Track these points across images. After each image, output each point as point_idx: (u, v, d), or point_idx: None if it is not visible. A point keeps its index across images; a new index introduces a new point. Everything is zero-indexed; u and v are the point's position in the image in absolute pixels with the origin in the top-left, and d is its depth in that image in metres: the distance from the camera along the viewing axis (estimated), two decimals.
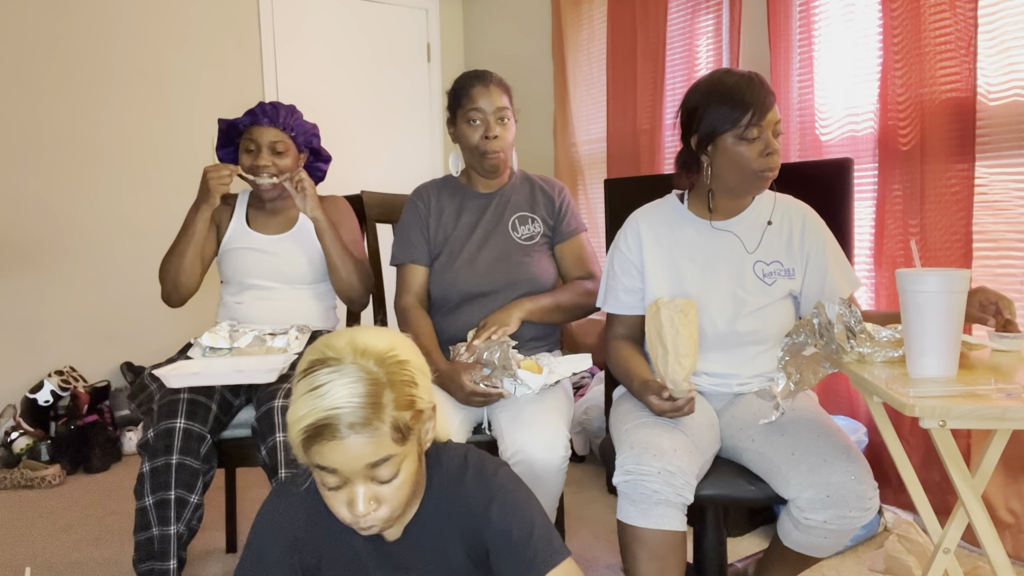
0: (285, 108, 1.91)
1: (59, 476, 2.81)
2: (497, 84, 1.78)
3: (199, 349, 1.81)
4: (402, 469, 0.94)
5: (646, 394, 1.41)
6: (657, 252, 1.57)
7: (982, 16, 1.90)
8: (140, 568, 1.53)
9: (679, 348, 1.34)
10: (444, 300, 1.83)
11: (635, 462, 1.31)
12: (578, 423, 2.76)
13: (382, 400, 0.90)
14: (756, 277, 1.53)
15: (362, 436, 0.89)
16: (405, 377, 0.94)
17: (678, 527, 1.30)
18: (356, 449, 0.89)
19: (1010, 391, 0.99)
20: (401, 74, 4.17)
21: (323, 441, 0.89)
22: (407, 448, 0.94)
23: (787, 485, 1.32)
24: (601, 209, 3.21)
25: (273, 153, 1.88)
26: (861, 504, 1.26)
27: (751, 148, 1.43)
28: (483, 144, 1.77)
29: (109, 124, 3.36)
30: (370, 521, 0.94)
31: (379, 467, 0.91)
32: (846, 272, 1.56)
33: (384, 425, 0.90)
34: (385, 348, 0.95)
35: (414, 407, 0.95)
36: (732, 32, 2.58)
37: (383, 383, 0.91)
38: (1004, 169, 1.92)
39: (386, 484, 0.93)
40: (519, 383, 1.59)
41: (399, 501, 0.95)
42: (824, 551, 1.37)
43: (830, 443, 1.32)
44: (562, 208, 1.88)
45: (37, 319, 3.24)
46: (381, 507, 0.94)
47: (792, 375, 1.33)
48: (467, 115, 1.77)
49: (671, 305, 1.37)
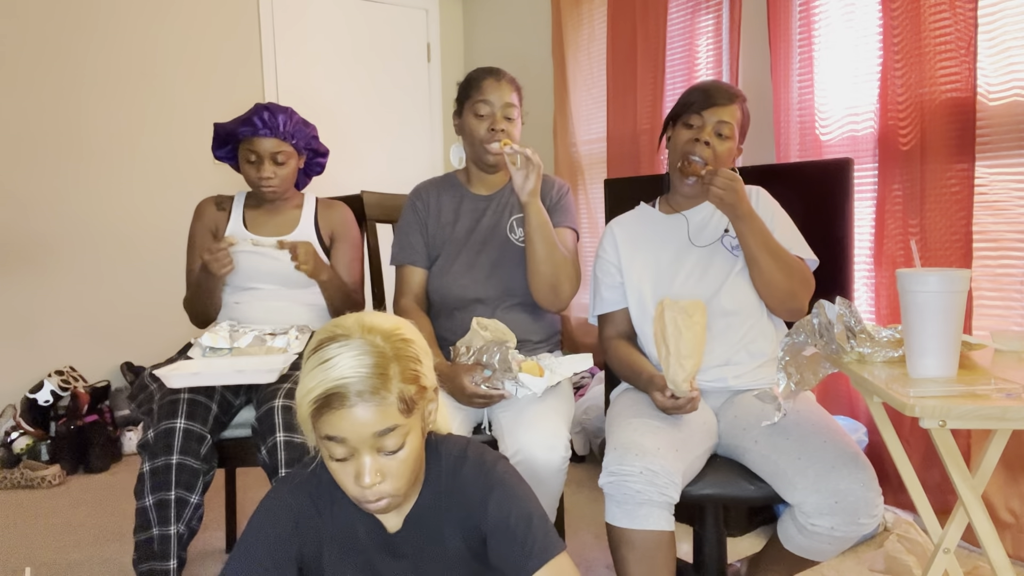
0: (283, 114, 1.88)
1: (59, 476, 2.81)
2: (509, 81, 1.79)
3: (199, 349, 1.81)
4: (407, 442, 0.97)
5: (652, 389, 1.45)
6: (630, 245, 1.67)
7: (982, 16, 1.90)
8: (140, 568, 1.52)
9: (681, 349, 1.35)
10: (443, 302, 1.83)
11: (618, 463, 1.32)
12: (578, 423, 2.76)
13: (388, 372, 0.94)
14: (725, 250, 1.60)
15: (370, 404, 0.92)
16: (410, 353, 0.98)
17: (664, 527, 1.30)
18: (364, 417, 0.92)
19: (1010, 391, 0.99)
20: (401, 74, 4.17)
21: (332, 411, 0.92)
22: (412, 422, 0.97)
23: (792, 489, 1.31)
24: (601, 209, 3.20)
25: (274, 163, 1.88)
26: (869, 511, 1.26)
27: (687, 132, 1.58)
28: (488, 137, 1.76)
29: (110, 124, 3.36)
30: (376, 494, 0.96)
31: (385, 436, 0.94)
32: (793, 241, 1.58)
33: (391, 395, 0.94)
34: (391, 327, 1.00)
35: (418, 382, 0.98)
36: (732, 32, 2.58)
37: (389, 356, 0.95)
38: (1004, 169, 1.92)
39: (392, 456, 0.96)
40: (520, 385, 1.59)
41: (404, 476, 0.97)
42: (826, 556, 1.36)
43: (838, 449, 1.31)
44: (558, 201, 1.86)
45: (37, 319, 3.24)
46: (386, 480, 0.96)
47: (792, 375, 1.33)
48: (475, 106, 1.76)
49: (675, 306, 1.38)
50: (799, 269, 1.52)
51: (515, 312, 1.80)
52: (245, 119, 1.87)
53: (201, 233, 1.99)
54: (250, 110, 1.88)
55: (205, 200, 2.02)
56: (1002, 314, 1.95)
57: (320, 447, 0.98)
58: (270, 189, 1.90)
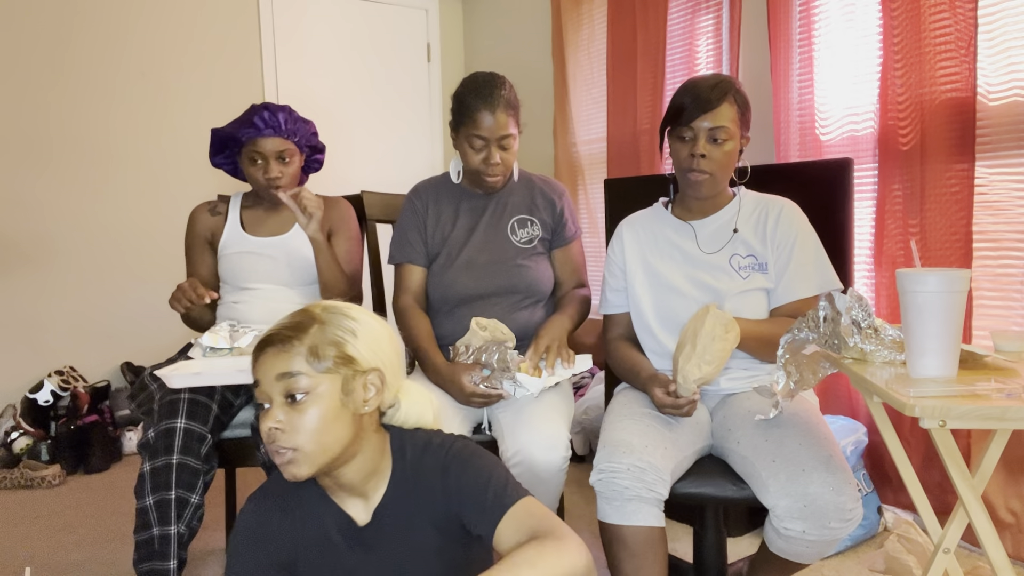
0: (283, 113, 1.87)
1: (59, 476, 2.81)
2: (504, 108, 1.70)
3: (200, 349, 1.81)
4: (314, 398, 1.00)
5: (653, 385, 1.44)
6: (635, 251, 1.65)
7: (982, 16, 1.90)
8: (140, 568, 1.52)
9: (706, 354, 1.36)
10: (442, 302, 1.82)
11: (607, 460, 1.33)
12: (578, 423, 2.76)
13: (308, 329, 1.02)
14: (732, 270, 1.56)
15: (278, 348, 1.00)
16: (343, 325, 1.04)
17: (654, 523, 1.31)
18: (272, 359, 1.00)
19: (1010, 391, 0.99)
20: (401, 74, 4.17)
21: (256, 355, 1.02)
22: (322, 378, 1.00)
23: (766, 492, 1.31)
24: (601, 209, 3.21)
25: (280, 162, 1.87)
26: (841, 516, 1.24)
27: (683, 147, 1.52)
28: (483, 167, 1.75)
29: (110, 124, 3.36)
30: (281, 443, 0.99)
31: (287, 380, 0.99)
32: (813, 272, 1.52)
33: (301, 346, 1.00)
34: (341, 306, 1.08)
35: (340, 349, 1.02)
36: (732, 32, 2.59)
37: (317, 319, 1.03)
38: (1004, 169, 1.92)
39: (296, 410, 0.99)
40: (519, 385, 1.59)
41: (306, 436, 0.99)
42: (808, 558, 1.35)
43: (811, 452, 1.30)
44: (563, 213, 1.87)
45: (37, 319, 3.24)
46: (287, 433, 0.99)
47: (792, 374, 1.32)
48: (469, 138, 1.73)
49: (721, 315, 1.39)
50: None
51: (516, 311, 1.80)
52: (245, 120, 1.84)
53: (196, 242, 1.98)
54: (247, 111, 1.87)
55: (198, 208, 2.00)
56: (1002, 314, 1.95)
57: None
58: (280, 189, 1.88)
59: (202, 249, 1.97)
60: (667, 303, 1.58)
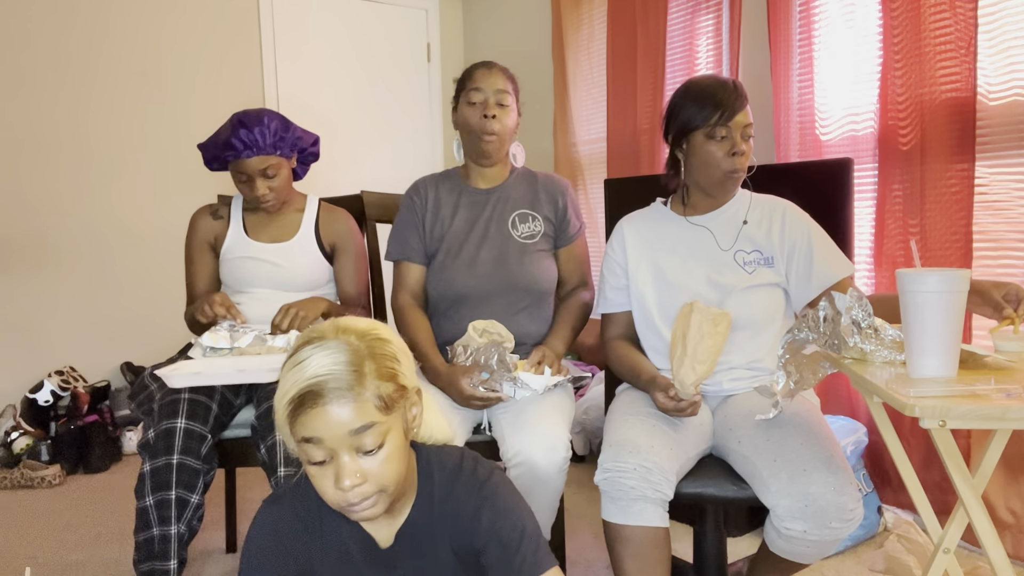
0: (260, 127, 1.80)
1: (59, 476, 2.81)
2: (501, 70, 1.80)
3: (200, 349, 1.80)
4: (387, 441, 0.94)
5: (653, 389, 1.45)
6: (639, 248, 1.65)
7: (982, 16, 1.90)
8: (141, 568, 1.52)
9: (698, 354, 1.36)
10: (442, 299, 1.81)
11: (613, 460, 1.33)
12: (578, 423, 2.76)
13: (363, 368, 0.92)
14: (737, 265, 1.56)
15: (344, 401, 0.90)
16: (386, 351, 0.97)
17: (659, 523, 1.31)
18: (339, 415, 0.90)
19: (1010, 391, 0.99)
20: (401, 74, 4.17)
21: (307, 410, 0.90)
22: (391, 420, 0.95)
23: (767, 492, 1.31)
24: (601, 209, 3.20)
25: (266, 178, 1.85)
26: (842, 516, 1.24)
27: (719, 147, 1.52)
28: (481, 124, 1.75)
29: (110, 124, 3.36)
30: (358, 495, 0.92)
31: (363, 434, 0.91)
32: (836, 257, 1.56)
33: (366, 391, 0.91)
34: (367, 327, 0.98)
35: (396, 380, 0.96)
36: (732, 32, 2.58)
37: (364, 354, 0.94)
38: (1004, 169, 1.92)
39: (371, 457, 0.93)
40: (520, 385, 1.59)
41: (386, 477, 0.94)
42: (809, 558, 1.35)
43: (812, 452, 1.30)
44: (566, 210, 1.86)
45: (37, 319, 3.24)
46: (367, 483, 0.93)
47: (792, 374, 1.32)
48: (468, 95, 1.77)
49: (705, 311, 1.39)
50: None
51: (516, 312, 1.79)
52: (225, 142, 1.80)
53: (198, 246, 1.96)
54: (226, 126, 1.82)
55: (199, 211, 1.99)
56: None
57: (299, 453, 0.95)
58: (268, 204, 1.88)
59: (204, 253, 1.97)
60: (672, 299, 1.58)
